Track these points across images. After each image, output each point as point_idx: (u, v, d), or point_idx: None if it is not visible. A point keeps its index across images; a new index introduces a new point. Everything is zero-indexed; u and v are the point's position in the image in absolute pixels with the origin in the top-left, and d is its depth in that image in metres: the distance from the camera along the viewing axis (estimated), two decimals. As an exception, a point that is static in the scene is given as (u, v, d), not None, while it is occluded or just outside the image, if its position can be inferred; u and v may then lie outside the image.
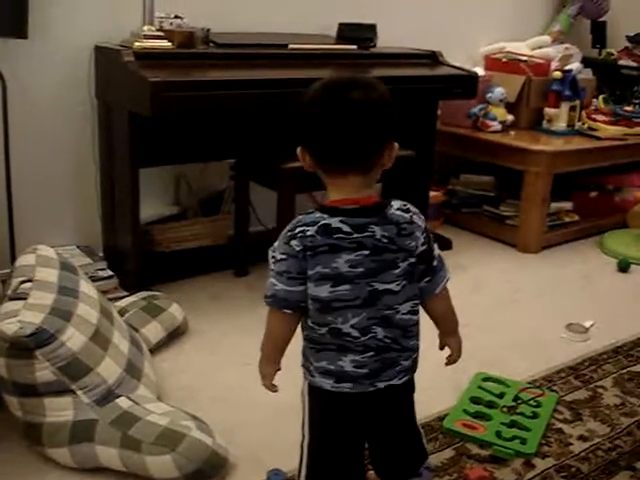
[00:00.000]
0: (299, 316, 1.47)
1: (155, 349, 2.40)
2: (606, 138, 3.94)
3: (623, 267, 3.50)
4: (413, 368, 1.52)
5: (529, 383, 2.35)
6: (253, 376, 2.31)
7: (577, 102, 4.00)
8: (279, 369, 1.61)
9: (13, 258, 2.57)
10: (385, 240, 1.39)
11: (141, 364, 2.11)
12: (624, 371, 2.50)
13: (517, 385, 2.31)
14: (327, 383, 1.47)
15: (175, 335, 2.52)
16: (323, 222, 1.39)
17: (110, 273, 2.80)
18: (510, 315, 2.92)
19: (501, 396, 2.24)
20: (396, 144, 1.41)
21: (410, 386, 1.56)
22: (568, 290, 3.24)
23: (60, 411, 1.85)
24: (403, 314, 1.44)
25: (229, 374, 2.35)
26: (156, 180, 3.07)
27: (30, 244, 2.22)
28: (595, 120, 4.13)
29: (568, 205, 3.96)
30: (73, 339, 1.87)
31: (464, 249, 3.59)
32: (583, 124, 4.10)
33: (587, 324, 2.77)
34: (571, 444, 2.05)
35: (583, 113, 4.14)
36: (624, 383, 2.42)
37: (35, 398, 1.84)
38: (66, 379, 1.85)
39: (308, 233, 1.39)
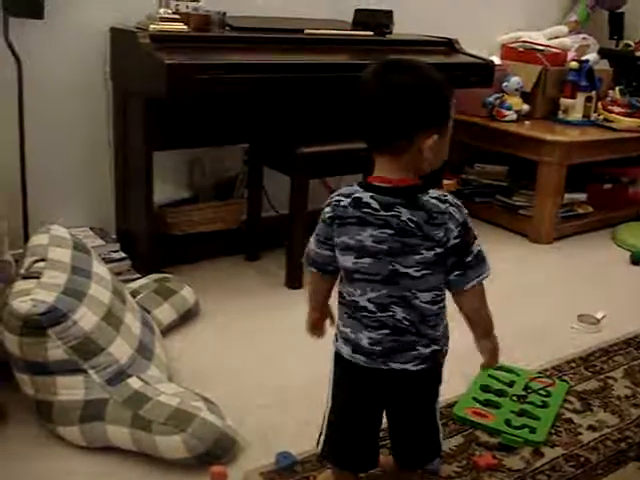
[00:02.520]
0: (331, 278, 1.56)
1: (166, 331, 2.41)
2: (622, 130, 3.91)
3: (636, 259, 3.48)
4: (433, 359, 1.51)
5: (539, 372, 2.35)
6: (263, 359, 2.34)
7: (593, 93, 3.98)
8: (324, 319, 1.66)
9: (26, 238, 2.59)
10: (412, 224, 1.39)
11: (152, 345, 2.12)
12: (635, 362, 2.49)
13: (527, 374, 2.30)
14: (345, 350, 1.53)
15: (186, 317, 2.53)
16: (356, 195, 1.44)
17: (123, 255, 2.80)
18: (522, 305, 2.92)
19: (511, 385, 2.24)
20: (435, 136, 1.38)
21: (429, 377, 1.55)
22: (580, 281, 3.22)
23: (71, 390, 1.86)
24: (422, 302, 1.45)
25: (240, 357, 2.36)
26: (170, 163, 3.06)
27: (43, 225, 2.23)
28: (611, 111, 4.11)
29: (582, 196, 3.94)
30: (85, 319, 1.89)
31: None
32: (599, 115, 4.07)
33: (599, 315, 2.76)
34: (580, 434, 2.05)
35: (599, 104, 4.11)
36: (635, 374, 2.41)
37: (47, 376, 1.86)
38: (78, 358, 1.86)
39: (342, 203, 1.45)
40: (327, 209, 1.47)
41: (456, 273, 1.44)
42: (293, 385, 2.19)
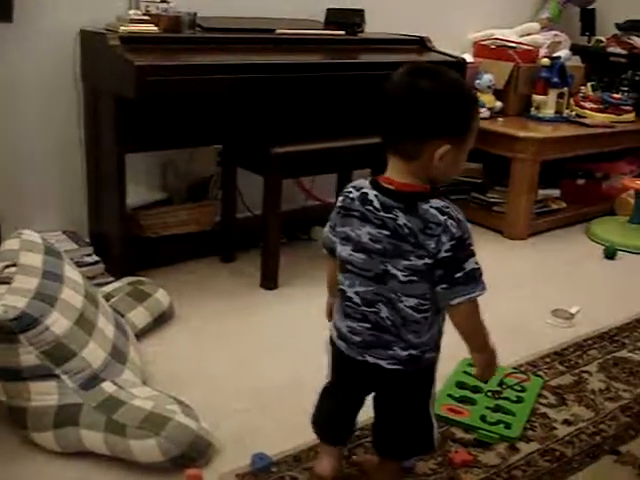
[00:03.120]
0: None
1: (141, 334, 2.40)
2: (594, 125, 3.95)
3: (610, 254, 3.51)
4: (411, 363, 1.52)
5: (514, 368, 2.36)
6: (239, 361, 2.34)
7: (565, 89, 4.01)
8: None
9: (-2, 243, 2.56)
10: (406, 230, 1.41)
11: (126, 349, 2.11)
12: (609, 356, 2.51)
13: (502, 370, 2.31)
14: (333, 334, 1.59)
15: (161, 320, 2.51)
16: (364, 190, 1.47)
17: (96, 258, 2.79)
18: (497, 301, 2.89)
19: (486, 381, 2.24)
20: (447, 146, 1.38)
21: (411, 379, 1.56)
22: (555, 276, 3.25)
23: (45, 395, 1.84)
24: (406, 306, 1.46)
25: (215, 359, 2.35)
26: (143, 165, 3.04)
27: (15, 229, 2.21)
28: (583, 107, 4.14)
29: (556, 192, 3.97)
30: (57, 323, 1.87)
31: (452, 236, 3.59)
32: (571, 111, 4.11)
33: (573, 310, 2.78)
34: (555, 428, 2.06)
35: (571, 100, 4.15)
36: (609, 368, 2.43)
37: (19, 382, 1.84)
38: (50, 363, 1.84)
39: (350, 195, 1.49)
40: (340, 198, 1.52)
41: (443, 286, 1.43)
42: (269, 387, 2.19)
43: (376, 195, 1.44)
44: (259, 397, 2.13)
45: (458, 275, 1.42)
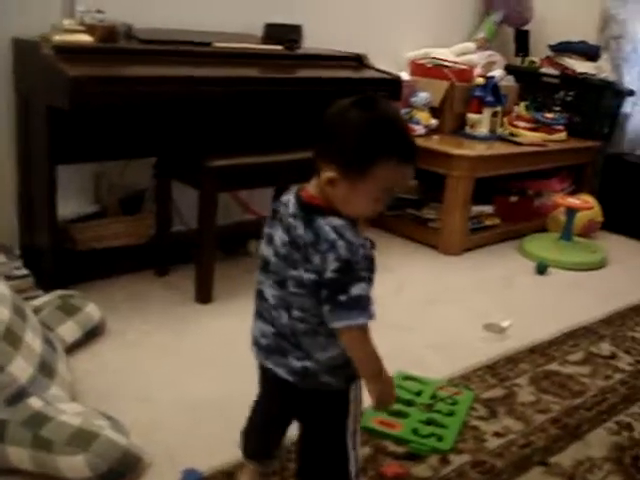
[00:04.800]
0: None
1: (71, 349, 2.35)
2: (527, 144, 4.04)
3: (541, 270, 3.58)
4: (304, 379, 1.46)
5: (447, 381, 2.38)
6: (173, 376, 2.31)
7: (499, 108, 4.09)
8: None
9: None
10: (300, 241, 1.39)
11: (55, 364, 2.06)
12: (539, 369, 2.56)
13: (435, 383, 2.33)
14: (251, 340, 1.57)
15: (92, 335, 2.47)
16: (289, 196, 1.46)
17: (25, 272, 2.72)
18: (431, 315, 2.96)
19: (419, 394, 2.26)
20: (332, 174, 1.36)
21: (310, 403, 1.52)
22: (488, 291, 3.30)
23: (-32, 411, 1.79)
24: (294, 317, 1.44)
25: (147, 374, 2.31)
26: (75, 177, 3.00)
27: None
28: (516, 126, 4.24)
29: (489, 209, 4.04)
30: (-18, 337, 1.82)
31: (388, 251, 3.61)
32: (505, 130, 4.19)
33: (505, 324, 2.82)
34: (486, 440, 2.09)
35: (505, 119, 4.24)
36: (539, 381, 2.47)
37: (-59, 398, 1.78)
38: (-26, 378, 1.79)
39: (283, 199, 1.48)
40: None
41: (326, 307, 1.38)
42: (202, 401, 2.16)
43: (293, 202, 1.43)
44: (192, 412, 2.11)
45: (342, 298, 1.35)
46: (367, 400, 2.07)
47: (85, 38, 2.65)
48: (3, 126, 2.82)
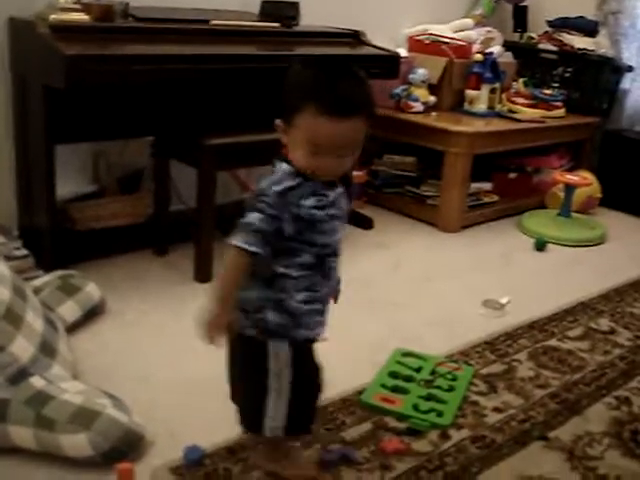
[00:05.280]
0: None
1: (72, 329, 2.35)
2: (525, 120, 4.03)
3: (539, 246, 3.59)
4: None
5: (446, 357, 2.39)
6: (172, 354, 2.32)
7: (497, 85, 4.08)
8: None
9: None
10: None
11: (56, 343, 2.07)
12: (538, 345, 2.57)
13: (434, 359, 2.34)
14: None
15: (92, 315, 2.47)
16: None
17: (25, 252, 2.72)
18: (430, 292, 2.96)
19: (419, 370, 2.27)
20: (278, 121, 1.50)
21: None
22: (486, 268, 3.30)
23: (-30, 391, 1.80)
24: None
25: (147, 352, 2.32)
26: (74, 157, 2.99)
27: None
28: (515, 103, 4.22)
29: (488, 186, 4.04)
30: (-17, 317, 1.82)
31: (386, 228, 3.62)
32: (503, 106, 4.18)
33: (503, 300, 2.83)
34: (486, 415, 2.10)
35: (503, 96, 4.22)
36: (538, 357, 2.48)
37: (-57, 378, 1.79)
38: (-24, 358, 1.80)
39: None
40: None
41: None
42: (203, 379, 2.17)
43: None
44: (193, 389, 2.12)
45: (240, 221, 1.47)
46: (366, 378, 2.09)
47: (81, 17, 2.64)
48: (0, 106, 2.81)
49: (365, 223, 3.58)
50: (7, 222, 2.88)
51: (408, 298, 2.86)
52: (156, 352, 2.33)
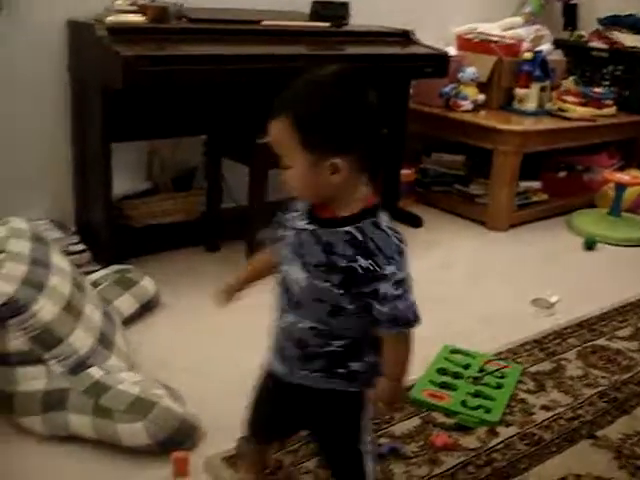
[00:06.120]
0: None
1: (128, 321, 2.42)
2: (575, 119, 4.00)
3: (589, 245, 3.56)
4: None
5: (495, 355, 2.41)
6: (223, 348, 2.36)
7: (547, 83, 4.05)
8: None
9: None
10: None
11: (113, 335, 2.13)
12: (587, 344, 2.56)
13: (483, 357, 2.36)
14: None
15: (147, 308, 2.54)
16: None
17: (82, 247, 2.80)
18: (478, 290, 2.97)
19: (467, 367, 2.29)
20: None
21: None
22: (535, 267, 3.29)
23: (32, 380, 1.86)
24: None
25: (200, 346, 2.38)
26: (129, 155, 3.06)
27: (2, 217, 2.23)
28: (565, 101, 4.19)
29: (537, 184, 4.02)
30: (45, 310, 1.89)
31: (435, 227, 3.64)
32: (553, 105, 4.15)
33: (553, 299, 2.83)
34: (534, 413, 2.11)
35: (553, 94, 4.19)
36: (587, 356, 2.48)
37: (7, 367, 1.86)
38: (39, 349, 1.86)
39: None
40: None
41: None
42: (253, 373, 2.21)
43: None
44: (245, 383, 2.15)
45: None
46: (414, 374, 2.10)
47: (137, 18, 2.71)
48: (59, 106, 2.89)
49: (414, 221, 3.60)
50: (65, 218, 2.97)
51: (457, 296, 2.88)
52: (209, 346, 2.38)
